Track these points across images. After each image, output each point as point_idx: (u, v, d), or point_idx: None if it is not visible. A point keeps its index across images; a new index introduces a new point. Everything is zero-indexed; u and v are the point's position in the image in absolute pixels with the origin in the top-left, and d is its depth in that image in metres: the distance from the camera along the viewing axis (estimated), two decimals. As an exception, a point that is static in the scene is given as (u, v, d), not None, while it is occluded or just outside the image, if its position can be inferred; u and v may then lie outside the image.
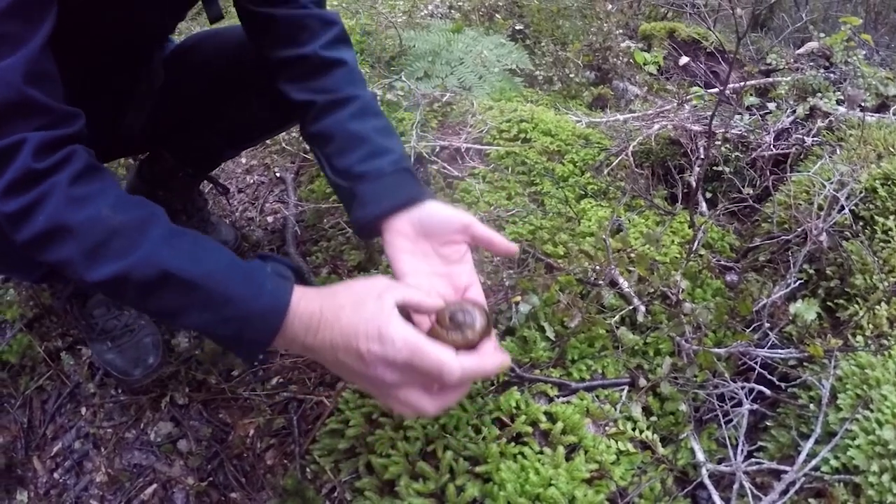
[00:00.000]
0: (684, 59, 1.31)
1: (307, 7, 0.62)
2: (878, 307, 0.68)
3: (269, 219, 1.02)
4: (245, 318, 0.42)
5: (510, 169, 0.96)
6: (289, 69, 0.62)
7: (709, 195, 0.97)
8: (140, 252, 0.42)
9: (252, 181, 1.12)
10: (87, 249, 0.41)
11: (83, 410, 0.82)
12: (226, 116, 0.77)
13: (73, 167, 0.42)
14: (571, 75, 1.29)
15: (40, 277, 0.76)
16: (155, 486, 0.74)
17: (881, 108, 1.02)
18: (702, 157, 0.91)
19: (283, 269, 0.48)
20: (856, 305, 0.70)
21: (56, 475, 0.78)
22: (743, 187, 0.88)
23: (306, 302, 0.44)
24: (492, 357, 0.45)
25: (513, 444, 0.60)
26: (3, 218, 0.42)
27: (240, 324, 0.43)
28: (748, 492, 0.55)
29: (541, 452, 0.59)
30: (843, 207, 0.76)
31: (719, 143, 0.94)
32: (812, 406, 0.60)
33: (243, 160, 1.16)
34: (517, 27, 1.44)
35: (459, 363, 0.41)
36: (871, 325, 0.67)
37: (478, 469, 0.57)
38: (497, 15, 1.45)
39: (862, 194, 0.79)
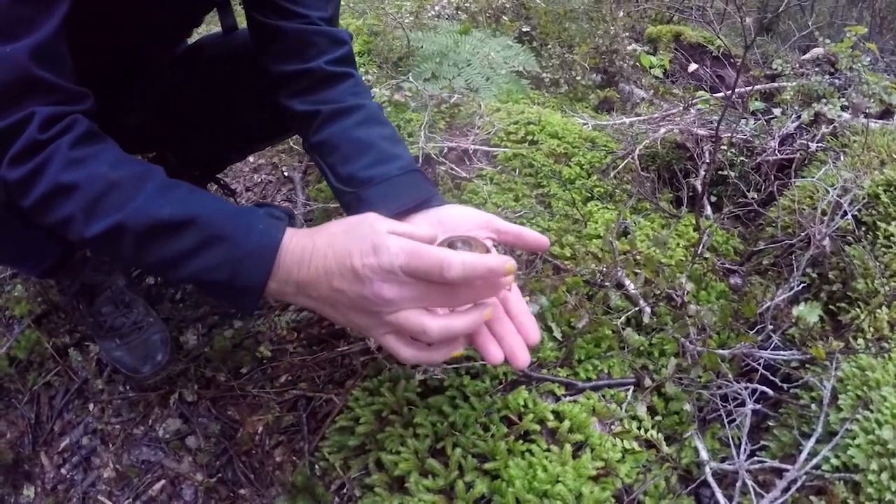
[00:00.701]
0: (693, 66, 1.32)
1: (317, 24, 0.62)
2: (878, 311, 0.69)
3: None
4: (238, 258, 0.42)
5: (517, 171, 0.97)
6: (292, 83, 0.62)
7: (713, 199, 0.98)
8: (134, 203, 0.42)
9: (260, 180, 1.13)
10: (87, 205, 0.42)
11: (91, 406, 0.83)
12: (227, 118, 0.77)
13: (74, 133, 0.44)
14: (578, 78, 1.30)
15: (44, 272, 0.77)
16: (163, 482, 0.74)
17: (885, 114, 1.04)
18: (707, 161, 0.92)
19: (277, 212, 0.50)
20: (857, 309, 0.71)
21: (63, 471, 0.79)
22: (748, 192, 0.90)
23: (298, 238, 0.43)
24: (494, 256, 0.42)
25: (521, 441, 0.60)
26: (10, 185, 0.43)
27: (232, 266, 0.42)
28: (751, 489, 0.56)
29: (548, 450, 0.60)
30: (846, 213, 0.77)
31: (725, 147, 0.95)
32: (813, 406, 0.61)
33: (251, 159, 1.17)
34: (524, 29, 1.44)
35: (460, 257, 0.39)
36: (871, 329, 0.68)
37: (486, 466, 0.58)
38: (504, 17, 1.46)
39: (865, 200, 0.80)
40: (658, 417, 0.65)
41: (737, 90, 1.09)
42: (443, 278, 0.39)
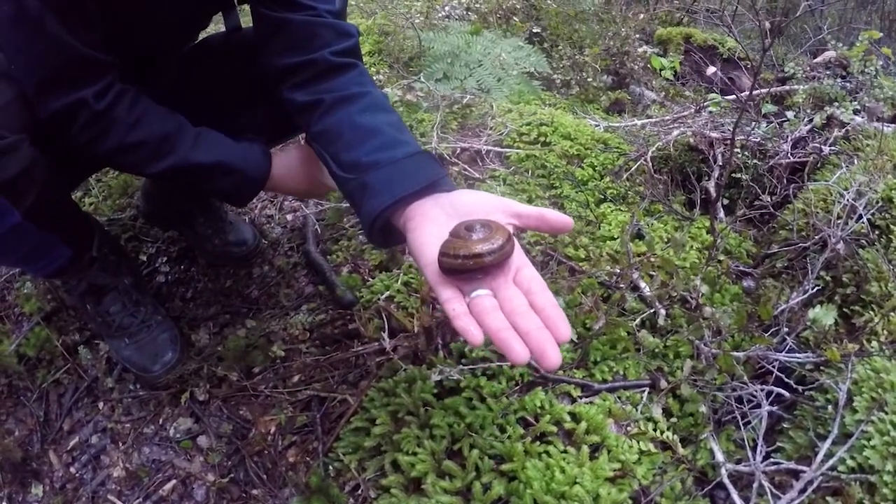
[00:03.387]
0: (711, 69, 1.32)
1: (324, 16, 0.61)
2: (892, 314, 0.69)
3: (289, 217, 1.02)
4: (242, 181, 0.66)
5: (530, 172, 0.97)
6: (296, 74, 0.61)
7: (726, 201, 0.98)
8: (180, 152, 0.62)
9: (270, 178, 1.12)
10: (149, 154, 0.61)
11: (101, 405, 0.82)
12: (232, 118, 0.75)
13: (125, 100, 0.59)
14: (589, 79, 1.30)
15: (53, 273, 0.76)
16: (174, 482, 0.74)
17: (898, 118, 1.04)
18: (721, 164, 0.93)
19: (261, 142, 0.69)
20: (871, 312, 0.71)
21: (72, 469, 0.78)
22: (761, 194, 0.90)
23: (275, 166, 0.69)
24: None
25: (538, 443, 0.61)
26: (80, 145, 0.59)
27: (239, 184, 0.66)
28: (767, 491, 0.56)
29: (565, 451, 0.60)
30: (860, 216, 0.77)
31: (738, 150, 0.96)
32: (829, 408, 0.61)
33: (261, 157, 1.16)
34: (534, 30, 1.44)
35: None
36: (885, 331, 0.69)
37: (503, 467, 0.58)
38: (514, 17, 1.46)
39: (879, 204, 0.81)
40: (673, 419, 0.66)
41: (754, 92, 1.08)
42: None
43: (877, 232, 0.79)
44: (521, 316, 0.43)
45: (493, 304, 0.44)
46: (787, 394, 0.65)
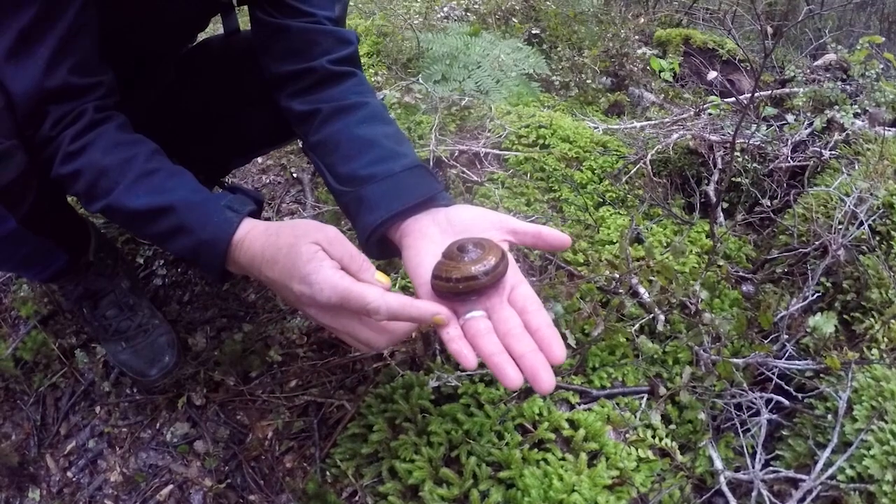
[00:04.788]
0: (712, 74, 1.31)
1: (323, 23, 0.60)
2: (893, 321, 0.69)
3: (286, 220, 1.02)
4: (196, 246, 0.50)
5: (529, 175, 0.96)
6: (294, 82, 0.60)
7: (725, 205, 0.97)
8: (116, 192, 0.50)
9: (268, 181, 1.12)
10: (85, 189, 0.52)
11: (97, 409, 0.82)
12: (229, 121, 0.75)
13: (76, 126, 0.52)
14: (588, 81, 1.29)
15: (50, 277, 0.76)
16: (171, 486, 0.73)
17: (898, 122, 1.03)
18: (721, 167, 0.92)
19: (245, 200, 0.51)
20: (871, 319, 0.71)
21: (69, 474, 0.78)
22: (761, 198, 0.89)
23: (250, 240, 0.48)
24: (424, 304, 0.44)
25: (536, 450, 0.60)
26: (44, 164, 0.54)
27: (194, 252, 0.50)
28: (766, 499, 0.56)
29: (563, 459, 0.60)
30: (861, 222, 0.77)
31: (738, 153, 0.95)
32: (829, 417, 0.61)
33: (259, 160, 1.15)
34: (534, 31, 1.43)
35: (384, 300, 0.43)
36: (885, 339, 0.68)
37: (501, 474, 0.58)
38: (513, 19, 1.45)
39: (880, 210, 0.81)
40: (672, 426, 0.65)
41: (754, 94, 1.08)
42: (369, 315, 0.44)
43: (877, 238, 0.79)
44: (515, 338, 0.43)
45: (488, 326, 0.44)
46: (786, 401, 0.65)
